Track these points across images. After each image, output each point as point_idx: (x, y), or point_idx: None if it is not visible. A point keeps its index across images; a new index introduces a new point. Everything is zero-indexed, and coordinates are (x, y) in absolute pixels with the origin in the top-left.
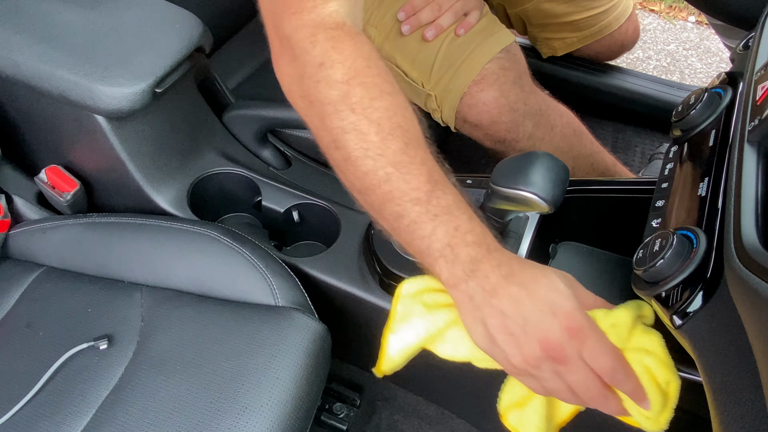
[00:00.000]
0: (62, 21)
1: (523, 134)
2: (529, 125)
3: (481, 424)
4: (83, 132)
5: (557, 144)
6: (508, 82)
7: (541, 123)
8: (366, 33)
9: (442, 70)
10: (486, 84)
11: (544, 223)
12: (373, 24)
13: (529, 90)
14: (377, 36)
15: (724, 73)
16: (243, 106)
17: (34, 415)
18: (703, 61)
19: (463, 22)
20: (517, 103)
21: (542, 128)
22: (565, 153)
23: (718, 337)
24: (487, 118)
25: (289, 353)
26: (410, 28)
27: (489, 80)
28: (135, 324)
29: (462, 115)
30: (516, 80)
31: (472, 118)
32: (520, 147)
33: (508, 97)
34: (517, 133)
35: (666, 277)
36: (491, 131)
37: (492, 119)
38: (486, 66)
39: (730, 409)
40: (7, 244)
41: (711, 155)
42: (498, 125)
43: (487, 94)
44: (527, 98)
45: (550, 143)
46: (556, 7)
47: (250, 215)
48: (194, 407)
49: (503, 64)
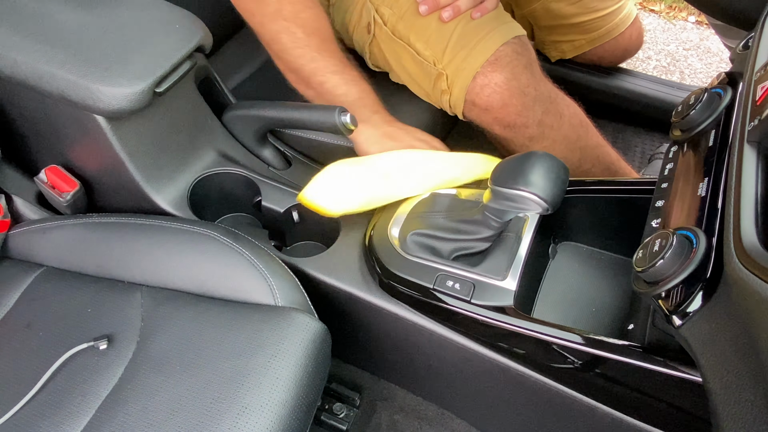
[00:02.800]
0: (62, 21)
1: (532, 120)
2: (538, 111)
3: (481, 424)
4: (83, 132)
5: (566, 133)
6: (520, 66)
7: (551, 110)
8: (379, 12)
9: (456, 48)
10: (499, 65)
11: (544, 223)
12: (387, 4)
13: (539, 77)
14: (391, 16)
15: (724, 73)
16: (243, 106)
17: (34, 415)
18: (703, 61)
19: (480, 6)
20: (527, 87)
21: (551, 115)
22: (573, 143)
23: (718, 337)
24: (498, 100)
25: (289, 353)
26: (428, 9)
27: (502, 62)
28: (135, 324)
29: (472, 98)
30: (527, 66)
31: (483, 99)
32: (530, 134)
33: (519, 80)
34: (527, 117)
35: (666, 277)
36: (501, 115)
37: (503, 101)
38: (500, 48)
39: (730, 409)
40: (7, 244)
41: (711, 155)
42: (508, 108)
43: (499, 76)
44: (537, 84)
45: (558, 131)
46: (564, 8)
47: (250, 215)
48: (194, 407)
49: (517, 49)
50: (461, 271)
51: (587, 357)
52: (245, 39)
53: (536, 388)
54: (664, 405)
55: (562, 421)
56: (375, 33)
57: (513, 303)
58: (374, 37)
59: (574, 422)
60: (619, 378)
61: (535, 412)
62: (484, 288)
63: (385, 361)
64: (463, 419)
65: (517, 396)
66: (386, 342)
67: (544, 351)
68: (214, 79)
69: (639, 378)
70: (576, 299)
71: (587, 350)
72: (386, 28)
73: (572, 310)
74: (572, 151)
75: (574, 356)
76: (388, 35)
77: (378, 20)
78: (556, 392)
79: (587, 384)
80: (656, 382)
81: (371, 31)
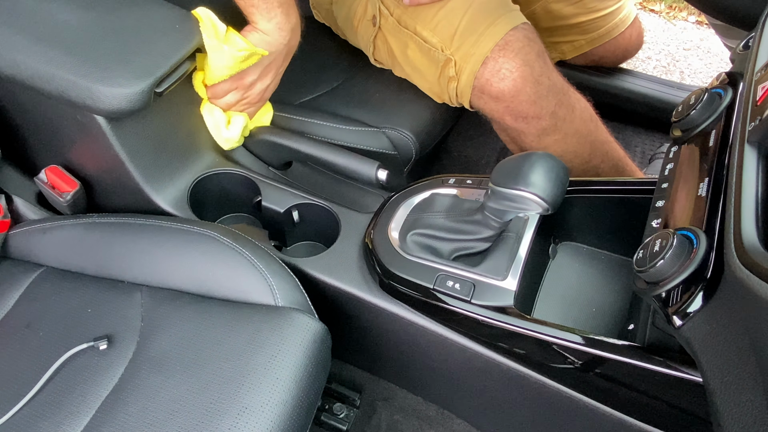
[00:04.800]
0: (62, 21)
1: (546, 110)
2: (552, 101)
3: (481, 424)
4: (83, 132)
5: (577, 126)
6: (532, 53)
7: (564, 102)
8: (385, 4)
9: (465, 34)
10: (511, 51)
11: (544, 223)
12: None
13: (552, 67)
14: (396, 7)
15: (724, 74)
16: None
17: (34, 415)
18: (703, 61)
19: None
20: (541, 76)
21: (564, 108)
22: (584, 137)
23: (718, 337)
24: (511, 86)
25: (289, 353)
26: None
27: (514, 47)
28: (135, 324)
29: (481, 85)
30: (540, 54)
31: (494, 86)
32: (543, 126)
33: (533, 67)
34: (540, 108)
35: (666, 278)
36: (513, 103)
37: (516, 89)
38: (510, 32)
39: (730, 409)
40: (7, 244)
41: (711, 155)
42: (521, 96)
43: (511, 62)
44: (550, 74)
45: (571, 124)
46: (563, 8)
47: (250, 215)
48: (194, 407)
49: (528, 35)
50: (461, 271)
51: (587, 357)
52: None
53: (536, 388)
54: (664, 405)
55: (562, 421)
56: (381, 25)
57: (513, 303)
58: (380, 29)
59: (574, 422)
60: (620, 378)
61: (535, 412)
62: (485, 288)
63: (385, 361)
64: (463, 419)
65: (517, 396)
66: (386, 342)
67: (544, 351)
68: None
69: (639, 378)
70: (576, 299)
71: (587, 350)
72: (392, 18)
73: (572, 310)
74: (583, 145)
75: (574, 356)
76: (394, 25)
77: (384, 11)
78: (556, 392)
79: (587, 384)
80: (656, 382)
81: (377, 24)
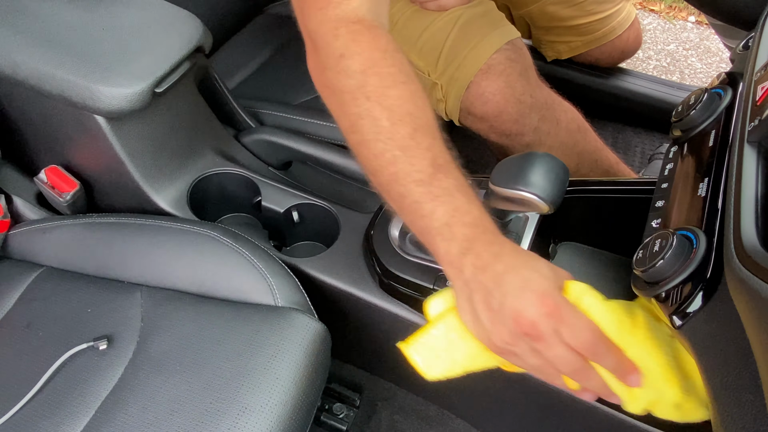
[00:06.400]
0: (62, 21)
1: (528, 127)
2: (534, 118)
3: (481, 424)
4: (83, 132)
5: (562, 139)
6: (514, 73)
7: (547, 117)
8: None
9: (449, 59)
10: (493, 74)
11: (544, 223)
12: None
13: (535, 84)
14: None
15: (724, 73)
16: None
17: (34, 415)
18: (703, 61)
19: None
20: (523, 95)
21: (548, 122)
22: (569, 149)
23: (718, 337)
24: (494, 108)
25: (289, 353)
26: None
27: (496, 71)
28: (135, 324)
29: (467, 107)
30: (522, 73)
31: (478, 109)
32: (526, 141)
33: (514, 88)
34: (523, 125)
35: (666, 278)
36: (497, 123)
37: (498, 110)
38: (492, 56)
39: (730, 409)
40: (7, 244)
41: (711, 155)
42: (504, 116)
43: (493, 85)
44: (533, 91)
45: (555, 138)
46: (560, 10)
47: (250, 215)
48: (194, 407)
49: (510, 56)
50: None
51: None
52: (245, 39)
53: (536, 388)
54: None
55: (562, 421)
56: None
57: None
58: None
59: (574, 422)
60: None
61: (535, 412)
62: None
63: (385, 361)
64: (463, 419)
65: (517, 396)
66: (386, 342)
67: None
68: (214, 79)
69: None
70: None
71: None
72: None
73: None
74: (569, 157)
75: None
76: None
77: None
78: (556, 392)
79: None
80: None
81: None
